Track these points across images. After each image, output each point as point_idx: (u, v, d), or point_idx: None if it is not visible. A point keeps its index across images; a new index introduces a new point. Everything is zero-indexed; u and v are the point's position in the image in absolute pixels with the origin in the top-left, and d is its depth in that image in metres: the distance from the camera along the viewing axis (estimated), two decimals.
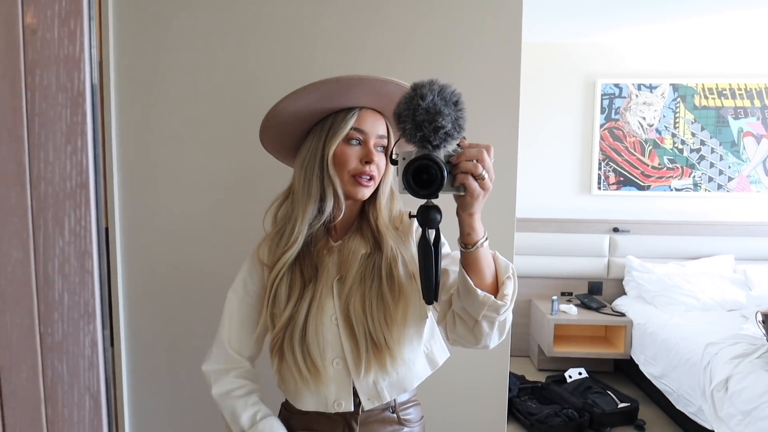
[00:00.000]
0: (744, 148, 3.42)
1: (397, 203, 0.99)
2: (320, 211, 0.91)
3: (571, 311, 3.12)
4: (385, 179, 0.94)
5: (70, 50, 0.39)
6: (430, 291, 0.81)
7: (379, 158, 0.91)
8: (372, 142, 0.91)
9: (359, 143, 0.91)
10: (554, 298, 3.15)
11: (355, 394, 0.92)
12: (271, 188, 1.03)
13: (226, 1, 1.30)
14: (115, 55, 1.30)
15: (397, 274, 0.91)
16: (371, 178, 0.90)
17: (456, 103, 0.73)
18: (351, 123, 0.90)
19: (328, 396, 0.91)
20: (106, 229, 1.37)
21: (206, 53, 1.31)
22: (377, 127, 0.92)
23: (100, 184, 0.40)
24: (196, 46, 1.30)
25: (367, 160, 0.89)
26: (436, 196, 0.76)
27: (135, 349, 1.38)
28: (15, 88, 0.39)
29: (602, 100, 3.45)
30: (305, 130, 0.95)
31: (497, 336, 0.85)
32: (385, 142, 0.93)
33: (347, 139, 0.90)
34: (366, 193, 0.91)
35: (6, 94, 0.39)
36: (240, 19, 1.30)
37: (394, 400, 0.96)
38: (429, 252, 0.79)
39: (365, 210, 0.96)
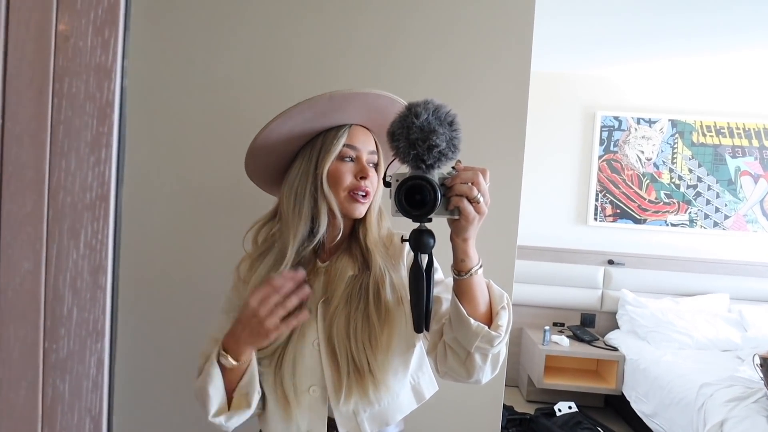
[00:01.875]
0: (741, 186, 3.46)
1: (386, 222, 0.98)
2: (312, 232, 0.89)
3: (562, 342, 3.09)
4: (375, 197, 0.93)
5: (102, 59, 0.38)
6: (421, 319, 0.78)
7: (372, 174, 0.91)
8: (365, 158, 0.90)
9: (352, 160, 0.90)
10: (546, 328, 3.13)
11: (332, 426, 0.87)
12: (260, 202, 1.02)
13: (221, 16, 1.30)
14: None
15: (384, 295, 0.88)
16: (366, 194, 0.89)
17: (451, 123, 0.72)
18: (343, 140, 0.89)
19: (300, 425, 0.87)
20: None
21: (201, 67, 1.31)
22: (368, 143, 0.92)
23: (120, 197, 0.39)
24: (191, 60, 1.30)
25: (362, 175, 0.89)
26: (430, 219, 0.74)
27: (120, 362, 1.35)
28: (41, 94, 0.38)
29: (602, 131, 3.49)
30: (293, 152, 0.93)
31: (490, 370, 0.82)
32: (375, 158, 0.93)
33: (341, 157, 0.89)
34: (362, 210, 0.90)
35: (31, 100, 0.38)
36: (235, 34, 1.30)
37: None
38: (420, 277, 0.77)
39: (355, 228, 0.95)
